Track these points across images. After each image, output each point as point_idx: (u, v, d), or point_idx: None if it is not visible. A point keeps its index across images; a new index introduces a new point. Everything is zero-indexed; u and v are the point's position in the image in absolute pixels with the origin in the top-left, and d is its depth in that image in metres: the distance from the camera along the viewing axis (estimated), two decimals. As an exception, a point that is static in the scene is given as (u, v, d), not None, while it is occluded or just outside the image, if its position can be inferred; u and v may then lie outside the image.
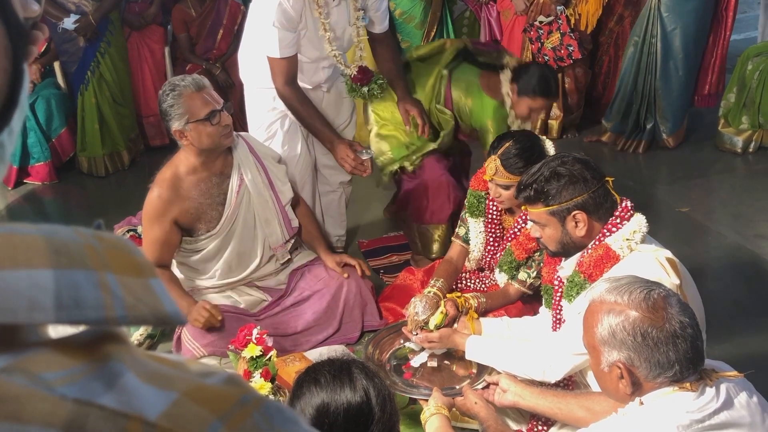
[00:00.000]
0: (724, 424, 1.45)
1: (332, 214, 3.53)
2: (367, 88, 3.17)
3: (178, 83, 2.60)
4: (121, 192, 4.75)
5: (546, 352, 2.07)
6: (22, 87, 0.48)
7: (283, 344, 2.82)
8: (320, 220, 3.39)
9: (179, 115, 2.57)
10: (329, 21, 2.93)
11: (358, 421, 1.35)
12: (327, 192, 3.48)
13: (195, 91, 2.58)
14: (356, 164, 2.93)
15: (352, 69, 3.11)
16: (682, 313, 1.47)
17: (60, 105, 4.91)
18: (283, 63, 2.91)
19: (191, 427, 0.41)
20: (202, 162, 2.72)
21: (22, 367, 0.38)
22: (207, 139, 2.62)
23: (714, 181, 4.50)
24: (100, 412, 0.38)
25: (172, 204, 2.70)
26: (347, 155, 2.93)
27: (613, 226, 2.00)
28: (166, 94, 2.59)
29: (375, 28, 3.14)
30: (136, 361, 0.43)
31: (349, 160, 2.93)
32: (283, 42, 2.85)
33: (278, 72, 2.94)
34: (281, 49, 2.86)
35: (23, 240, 0.41)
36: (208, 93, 2.62)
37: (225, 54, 5.18)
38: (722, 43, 4.68)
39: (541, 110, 3.22)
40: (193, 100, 2.57)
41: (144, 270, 0.45)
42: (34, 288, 0.39)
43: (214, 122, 2.60)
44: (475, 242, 2.84)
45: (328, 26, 2.93)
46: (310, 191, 3.30)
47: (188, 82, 2.59)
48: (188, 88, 2.57)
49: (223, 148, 2.72)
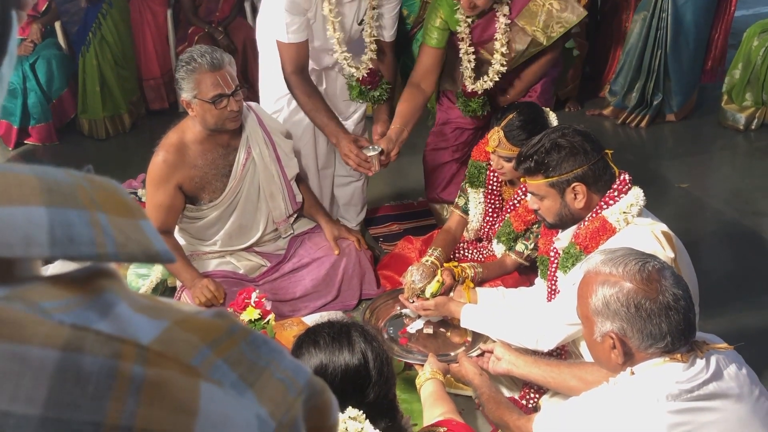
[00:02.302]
0: (713, 394, 1.47)
1: (355, 203, 3.45)
2: (377, 92, 3.02)
3: (197, 58, 2.54)
4: (121, 155, 4.74)
5: (539, 321, 2.10)
6: (11, 34, 0.48)
7: (281, 309, 2.85)
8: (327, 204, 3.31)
9: (189, 89, 2.56)
10: (339, 20, 2.83)
11: (355, 383, 1.37)
12: (348, 182, 3.39)
13: (209, 71, 2.52)
14: (360, 161, 2.80)
15: (362, 71, 2.97)
16: (675, 286, 1.49)
17: (61, 66, 4.88)
18: (291, 48, 2.81)
19: (182, 351, 0.42)
20: (208, 133, 2.70)
21: (20, 295, 0.40)
22: (211, 118, 2.60)
23: (715, 158, 4.50)
24: (95, 336, 0.40)
25: (177, 169, 2.69)
26: (351, 151, 2.80)
27: (611, 199, 2.01)
28: (182, 65, 2.56)
29: (384, 33, 2.98)
30: (128, 294, 0.44)
31: (352, 156, 2.80)
32: (291, 27, 2.76)
33: (286, 58, 2.84)
34: (289, 34, 2.77)
35: (17, 178, 0.41)
36: (222, 75, 2.54)
37: (228, 17, 5.12)
38: (726, 18, 4.64)
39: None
40: (205, 79, 2.53)
41: (134, 211, 0.46)
42: (30, 224, 0.40)
43: (219, 107, 2.57)
44: (474, 213, 2.85)
45: (338, 26, 2.83)
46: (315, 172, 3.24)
47: (206, 60, 2.53)
48: (203, 66, 2.52)
49: (227, 129, 2.69)
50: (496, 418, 1.92)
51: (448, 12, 2.84)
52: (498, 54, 2.86)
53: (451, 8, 2.82)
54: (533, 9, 2.82)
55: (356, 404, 1.33)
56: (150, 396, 0.39)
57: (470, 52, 2.89)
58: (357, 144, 2.83)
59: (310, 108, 2.90)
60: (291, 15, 2.75)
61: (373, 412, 1.33)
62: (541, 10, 2.81)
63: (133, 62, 5.09)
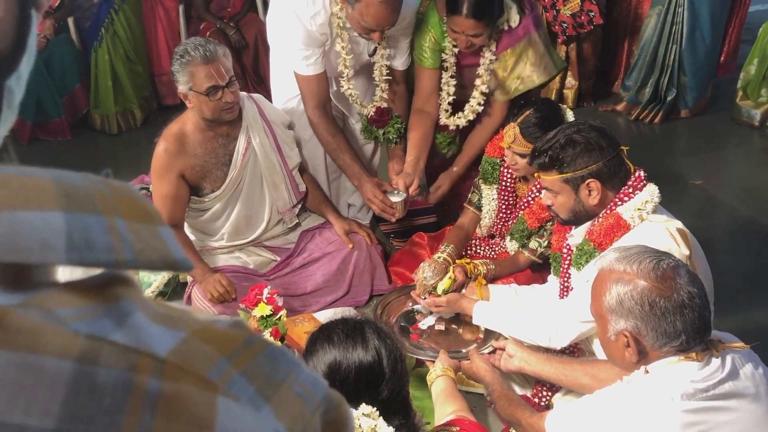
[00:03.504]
0: (729, 394, 1.46)
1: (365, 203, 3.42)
2: (383, 131, 2.95)
3: (190, 51, 2.55)
4: (133, 150, 4.76)
5: (553, 319, 2.09)
6: (30, 31, 0.48)
7: (292, 304, 2.85)
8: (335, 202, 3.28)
9: (184, 81, 2.58)
10: (351, 57, 2.79)
11: (368, 380, 1.37)
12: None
13: (202, 63, 2.54)
14: (384, 207, 2.74)
15: (369, 109, 2.93)
16: (690, 284, 1.47)
17: (73, 61, 4.90)
18: (312, 81, 2.78)
19: (200, 364, 0.42)
20: (208, 123, 2.71)
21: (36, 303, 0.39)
22: (207, 110, 2.62)
23: (729, 154, 4.46)
24: (112, 347, 0.39)
25: (177, 157, 2.71)
26: (375, 196, 2.75)
27: (625, 196, 2.00)
28: (177, 59, 2.58)
29: (396, 62, 2.91)
30: (144, 303, 0.44)
31: (376, 201, 2.74)
32: (309, 59, 2.73)
33: (307, 92, 2.81)
34: (308, 66, 2.75)
35: (35, 182, 0.41)
36: (216, 67, 2.55)
37: (240, 12, 5.13)
38: (741, 12, 4.59)
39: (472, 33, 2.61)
40: (198, 71, 2.54)
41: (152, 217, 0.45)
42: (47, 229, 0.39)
43: (213, 99, 2.58)
44: (487, 209, 2.84)
45: (349, 62, 2.80)
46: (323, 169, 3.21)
47: (200, 52, 2.54)
48: (196, 59, 2.54)
49: (224, 120, 2.69)
50: (508, 416, 1.91)
51: (439, 33, 2.79)
52: (477, 92, 2.83)
53: (441, 31, 2.77)
54: (511, 55, 2.74)
55: (370, 401, 1.32)
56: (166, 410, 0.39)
57: (452, 84, 2.84)
58: (381, 188, 2.78)
59: (333, 148, 2.87)
60: (309, 47, 2.73)
61: (387, 410, 1.33)
62: (518, 58, 2.75)
63: (145, 58, 5.12)
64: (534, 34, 2.74)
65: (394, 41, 2.85)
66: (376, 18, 2.52)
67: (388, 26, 2.59)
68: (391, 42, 2.85)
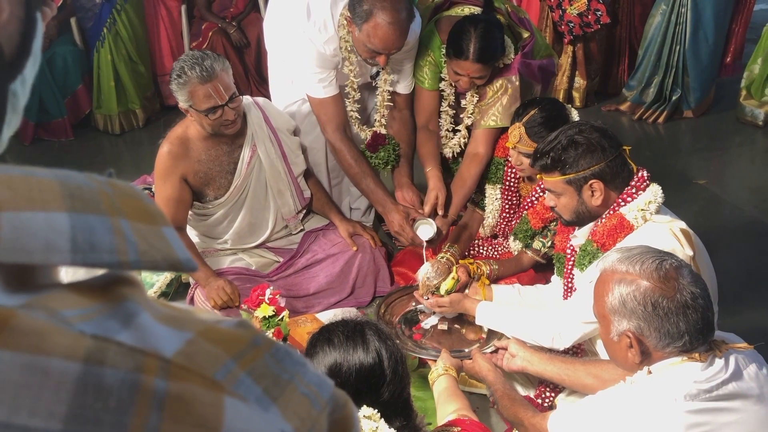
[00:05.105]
0: (732, 395, 1.45)
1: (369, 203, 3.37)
2: (376, 155, 2.87)
3: (187, 71, 2.49)
4: (136, 150, 4.76)
5: (556, 319, 2.08)
6: (35, 35, 0.48)
7: (295, 305, 2.85)
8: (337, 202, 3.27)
9: (184, 100, 2.55)
10: (358, 80, 2.78)
11: (369, 382, 1.37)
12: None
13: (200, 84, 2.49)
14: (413, 239, 2.70)
15: (367, 133, 2.90)
16: (693, 284, 1.46)
17: (76, 62, 4.91)
18: (329, 103, 2.76)
19: (206, 364, 0.41)
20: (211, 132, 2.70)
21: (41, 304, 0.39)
22: (207, 126, 2.61)
23: (733, 154, 4.44)
24: (118, 348, 0.39)
25: (181, 160, 2.70)
26: (403, 230, 2.70)
27: (629, 196, 1.99)
28: (173, 78, 2.53)
29: (399, 86, 2.88)
30: (149, 303, 0.43)
31: (405, 236, 2.70)
32: (324, 81, 2.73)
33: (325, 118, 2.79)
34: (324, 88, 2.74)
35: (39, 182, 0.41)
36: (214, 86, 2.49)
37: (242, 12, 5.13)
38: (746, 11, 4.58)
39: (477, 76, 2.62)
40: (197, 91, 2.50)
41: (156, 218, 0.45)
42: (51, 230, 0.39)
43: (212, 118, 2.56)
44: (491, 209, 2.84)
45: (356, 85, 2.79)
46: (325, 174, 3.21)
47: (197, 72, 2.48)
48: (194, 79, 2.49)
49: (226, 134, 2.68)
50: (511, 416, 1.90)
51: (438, 56, 2.78)
52: (462, 126, 2.83)
53: (441, 54, 2.76)
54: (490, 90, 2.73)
55: (371, 403, 1.32)
56: (173, 411, 0.39)
57: (450, 114, 2.84)
58: (409, 218, 2.73)
59: (355, 172, 2.83)
60: (325, 70, 2.72)
61: (388, 411, 1.33)
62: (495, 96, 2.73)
63: (148, 58, 5.12)
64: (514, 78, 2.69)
65: (398, 65, 2.84)
66: (384, 40, 2.51)
67: (394, 50, 2.58)
68: (395, 66, 2.84)
